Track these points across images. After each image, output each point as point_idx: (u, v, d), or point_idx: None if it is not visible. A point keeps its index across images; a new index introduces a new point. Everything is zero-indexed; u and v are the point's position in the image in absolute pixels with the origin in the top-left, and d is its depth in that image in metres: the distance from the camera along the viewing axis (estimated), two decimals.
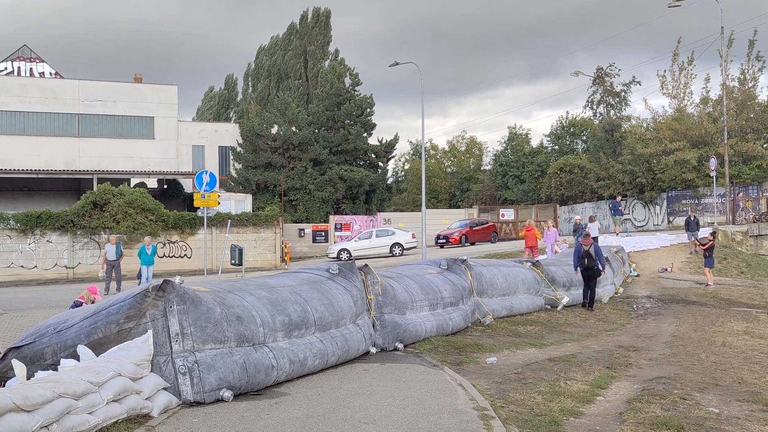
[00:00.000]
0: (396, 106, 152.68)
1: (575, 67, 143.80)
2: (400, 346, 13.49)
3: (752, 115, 46.37)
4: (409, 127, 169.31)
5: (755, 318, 19.98)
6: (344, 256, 42.21)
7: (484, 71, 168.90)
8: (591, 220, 33.66)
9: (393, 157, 63.57)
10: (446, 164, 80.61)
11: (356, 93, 59.33)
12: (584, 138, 67.73)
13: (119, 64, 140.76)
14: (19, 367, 8.45)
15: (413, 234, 44.51)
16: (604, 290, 23.38)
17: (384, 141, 59.75)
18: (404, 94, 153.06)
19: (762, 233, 38.04)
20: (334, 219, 52.65)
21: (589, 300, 21.72)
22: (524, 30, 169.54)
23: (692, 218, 33.88)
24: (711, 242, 28.21)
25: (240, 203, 48.01)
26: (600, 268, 21.72)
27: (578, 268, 21.74)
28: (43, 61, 55.95)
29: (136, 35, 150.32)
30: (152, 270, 27.37)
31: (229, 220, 34.03)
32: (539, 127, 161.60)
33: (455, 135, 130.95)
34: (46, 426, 7.03)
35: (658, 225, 48.64)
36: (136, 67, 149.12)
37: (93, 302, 14.24)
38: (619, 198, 41.23)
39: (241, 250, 28.99)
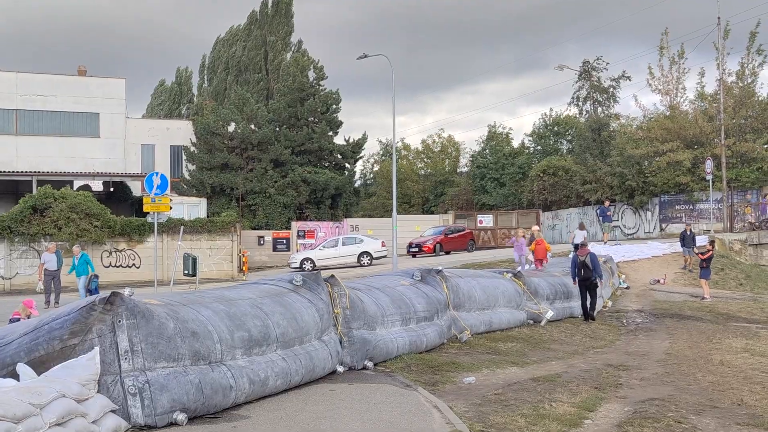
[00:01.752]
0: (367, 101, 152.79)
1: (564, 60, 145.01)
2: (369, 364, 13.48)
3: (751, 113, 46.69)
4: (381, 124, 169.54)
5: (755, 334, 20.17)
6: (308, 266, 42.17)
7: (465, 64, 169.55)
8: (581, 227, 33.87)
9: (361, 157, 63.79)
10: (419, 166, 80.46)
11: (321, 87, 59.34)
12: (569, 138, 67.94)
13: (61, 55, 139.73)
14: None
15: (383, 242, 44.52)
16: None
17: (351, 140, 59.84)
18: (377, 89, 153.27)
19: (762, 242, 38.29)
20: (296, 225, 52.59)
21: (589, 311, 22.44)
22: (509, 19, 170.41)
23: (688, 232, 33.82)
24: (710, 252, 28.35)
25: (194, 208, 47.76)
26: (597, 278, 22.34)
27: (576, 279, 22.32)
28: None
29: (81, 22, 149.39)
30: (84, 280, 26.69)
31: (182, 227, 33.95)
32: (525, 125, 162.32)
33: (431, 134, 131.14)
34: None
35: (649, 232, 48.86)
36: (81, 58, 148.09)
37: (29, 317, 14.23)
38: (607, 203, 41.46)
39: (195, 260, 28.96)
